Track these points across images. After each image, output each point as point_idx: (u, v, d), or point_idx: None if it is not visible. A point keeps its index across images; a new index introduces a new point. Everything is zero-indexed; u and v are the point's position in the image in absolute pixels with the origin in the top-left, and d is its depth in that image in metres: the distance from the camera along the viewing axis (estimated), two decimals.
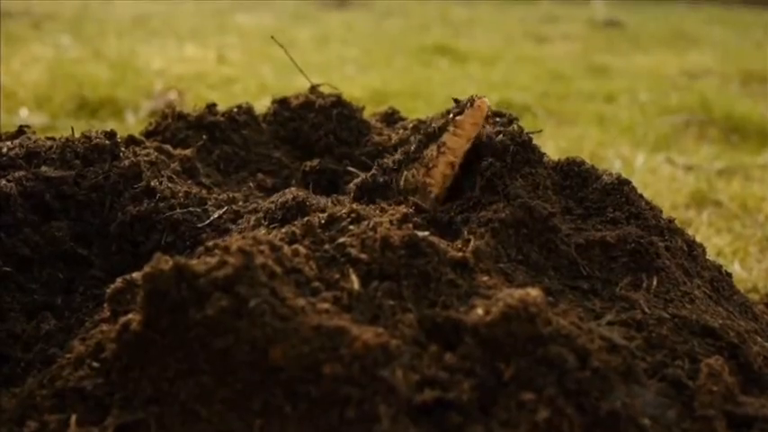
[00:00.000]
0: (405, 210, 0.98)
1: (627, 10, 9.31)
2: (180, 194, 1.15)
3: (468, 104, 1.04)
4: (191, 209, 1.12)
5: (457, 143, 1.03)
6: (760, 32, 7.40)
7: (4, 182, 1.07)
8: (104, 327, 0.87)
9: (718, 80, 4.56)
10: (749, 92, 4.20)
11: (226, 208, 1.14)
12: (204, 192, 1.21)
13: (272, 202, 1.10)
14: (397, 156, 1.09)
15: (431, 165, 1.04)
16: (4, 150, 1.13)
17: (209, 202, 1.16)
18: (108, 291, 0.88)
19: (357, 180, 1.12)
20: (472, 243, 0.92)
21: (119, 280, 0.88)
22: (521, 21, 7.91)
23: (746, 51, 5.97)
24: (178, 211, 1.11)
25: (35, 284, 1.04)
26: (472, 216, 0.99)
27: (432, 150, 1.04)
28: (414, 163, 1.06)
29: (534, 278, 0.94)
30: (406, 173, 1.06)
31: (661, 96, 3.87)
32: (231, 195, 1.21)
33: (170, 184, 1.18)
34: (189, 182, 1.25)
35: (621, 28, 7.41)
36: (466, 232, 0.96)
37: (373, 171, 1.10)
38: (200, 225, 1.11)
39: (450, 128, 1.04)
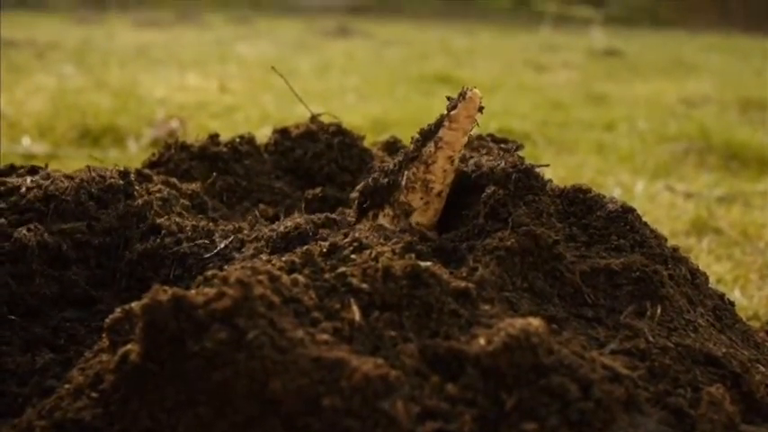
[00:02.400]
0: (409, 238, 0.97)
1: (626, 39, 9.40)
2: (188, 228, 1.16)
3: (461, 98, 1.04)
4: (198, 242, 1.13)
5: (453, 137, 1.03)
6: (758, 60, 7.46)
7: (24, 231, 1.07)
8: (103, 357, 0.86)
9: (717, 108, 4.59)
10: (748, 119, 4.22)
11: (232, 237, 1.14)
12: (212, 224, 1.22)
13: (273, 230, 1.10)
14: (398, 158, 1.09)
15: (430, 161, 1.04)
16: (23, 191, 1.14)
17: (216, 234, 1.16)
18: (107, 321, 0.87)
19: (359, 186, 1.11)
20: (478, 272, 0.92)
21: (117, 310, 0.87)
22: (521, 50, 7.98)
23: (745, 79, 6.01)
24: (185, 245, 1.12)
25: (40, 328, 1.03)
26: (477, 244, 0.99)
27: (429, 147, 1.04)
28: (413, 162, 1.05)
29: (540, 306, 0.93)
30: (406, 173, 1.05)
31: (660, 124, 3.89)
32: (237, 225, 1.22)
33: (178, 219, 1.18)
34: (199, 216, 1.26)
35: (620, 57, 7.48)
36: (471, 260, 0.95)
37: (374, 174, 1.09)
38: (206, 256, 1.11)
39: (446, 123, 1.04)
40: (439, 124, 1.05)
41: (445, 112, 1.05)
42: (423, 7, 15.32)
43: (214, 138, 1.49)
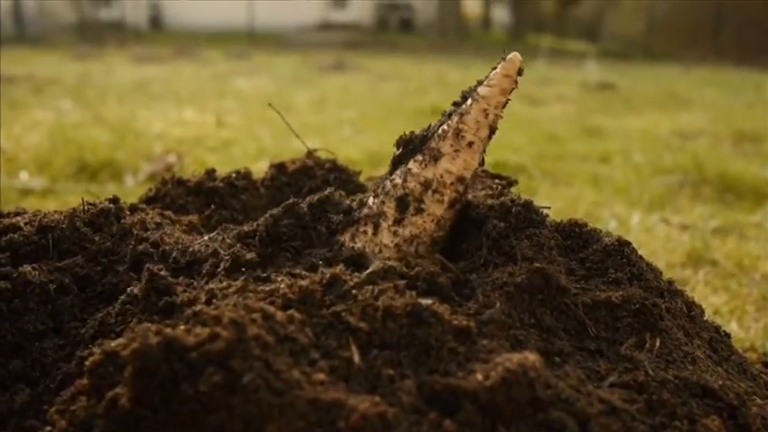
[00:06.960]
0: (432, 268, 0.96)
1: (619, 72, 9.51)
2: (175, 237, 1.16)
3: (501, 60, 1.05)
4: (179, 243, 1.12)
5: (489, 92, 1.04)
6: (750, 93, 7.54)
7: (28, 268, 1.07)
8: (83, 399, 0.83)
9: (711, 140, 4.63)
10: (742, 151, 4.26)
11: (216, 232, 1.14)
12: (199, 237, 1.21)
13: (268, 218, 1.10)
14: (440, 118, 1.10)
15: (464, 112, 1.05)
16: (22, 224, 1.15)
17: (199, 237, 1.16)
18: (87, 364, 0.84)
19: (398, 138, 1.12)
20: (488, 311, 0.91)
21: (97, 351, 0.84)
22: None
23: (738, 111, 6.08)
24: (166, 246, 1.11)
25: (19, 363, 1.01)
26: (484, 276, 0.99)
27: (466, 103, 1.06)
28: (450, 117, 1.07)
29: (546, 341, 0.93)
30: (442, 126, 1.06)
31: (655, 157, 3.92)
32: (225, 225, 1.22)
33: (166, 234, 1.18)
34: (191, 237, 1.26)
35: (614, 90, 7.56)
36: (480, 295, 0.95)
37: (412, 130, 1.11)
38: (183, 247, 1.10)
39: (485, 82, 1.06)
40: (479, 85, 1.07)
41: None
42: (418, 42, 15.49)
43: (210, 173, 1.49)
